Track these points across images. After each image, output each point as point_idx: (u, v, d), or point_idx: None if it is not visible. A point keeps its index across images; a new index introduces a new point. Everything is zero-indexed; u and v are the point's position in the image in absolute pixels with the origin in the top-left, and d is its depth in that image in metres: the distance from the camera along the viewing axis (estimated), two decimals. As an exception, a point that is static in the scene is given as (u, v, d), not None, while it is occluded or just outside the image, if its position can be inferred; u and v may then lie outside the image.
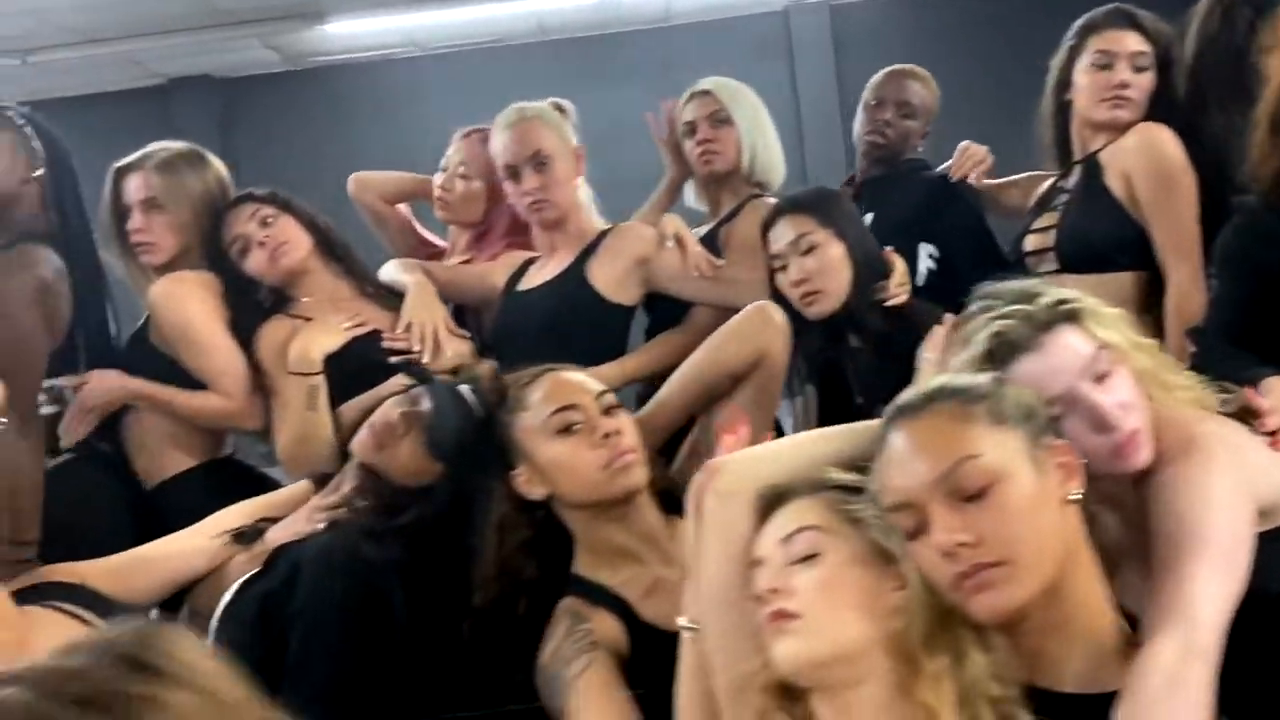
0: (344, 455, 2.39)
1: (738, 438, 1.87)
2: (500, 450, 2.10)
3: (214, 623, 2.10)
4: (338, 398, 2.63)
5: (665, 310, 2.91)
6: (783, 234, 2.59)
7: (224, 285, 2.83)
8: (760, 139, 3.09)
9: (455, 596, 2.08)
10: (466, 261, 3.10)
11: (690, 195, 3.27)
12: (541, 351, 2.27)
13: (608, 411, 2.09)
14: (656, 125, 3.20)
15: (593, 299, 2.78)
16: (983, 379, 1.55)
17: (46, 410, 2.69)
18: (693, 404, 2.34)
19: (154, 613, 2.26)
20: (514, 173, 2.82)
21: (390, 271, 2.93)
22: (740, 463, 1.74)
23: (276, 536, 2.27)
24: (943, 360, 1.77)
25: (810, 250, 2.55)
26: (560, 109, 2.97)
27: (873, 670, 1.50)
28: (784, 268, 2.59)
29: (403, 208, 3.40)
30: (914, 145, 3.41)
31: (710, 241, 2.96)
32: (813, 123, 9.10)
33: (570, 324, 2.74)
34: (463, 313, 3.03)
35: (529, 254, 2.96)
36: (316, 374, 2.63)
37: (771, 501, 1.63)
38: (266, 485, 2.74)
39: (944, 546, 1.43)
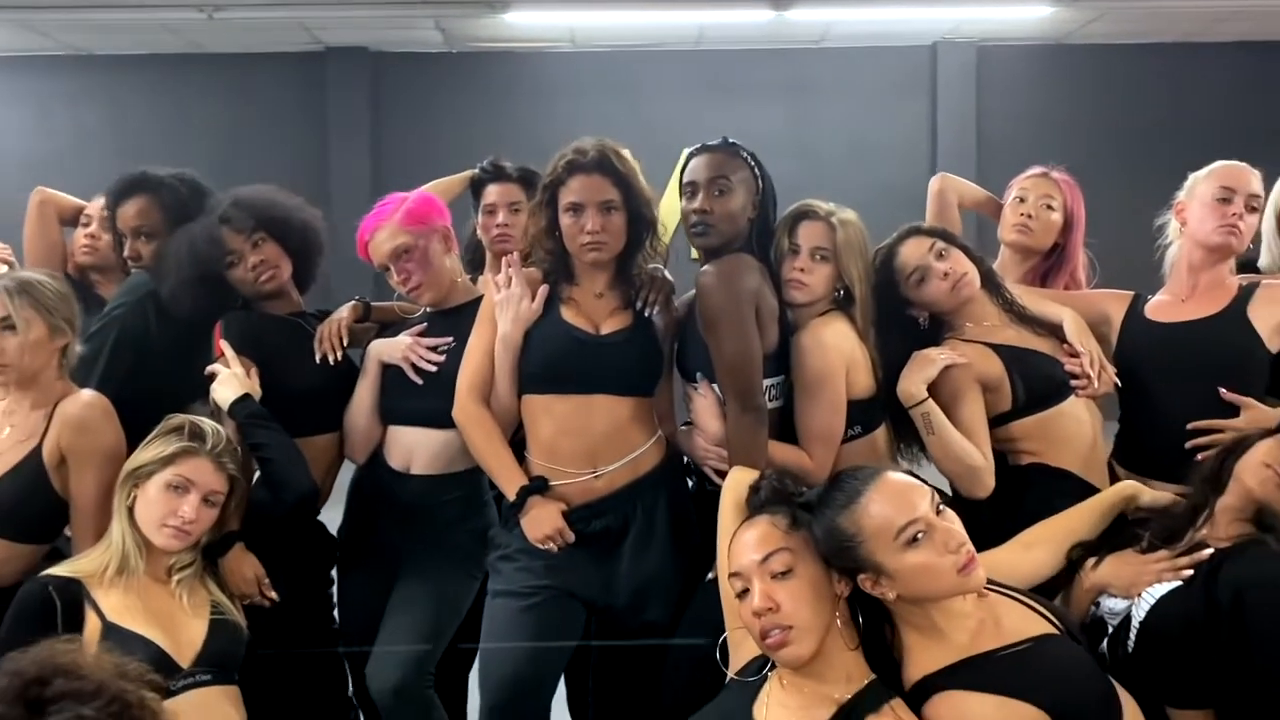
0: None
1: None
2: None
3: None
4: (1022, 410, 2.85)
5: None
6: None
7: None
8: None
9: None
10: None
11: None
12: (1193, 384, 2.81)
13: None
14: None
15: (1255, 342, 2.87)
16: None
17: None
18: None
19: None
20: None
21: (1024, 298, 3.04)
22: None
23: None
24: None
25: None
26: None
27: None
28: None
29: None
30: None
31: None
32: (947, 160, 9.07)
33: (1223, 364, 2.87)
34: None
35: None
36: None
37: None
38: None
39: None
